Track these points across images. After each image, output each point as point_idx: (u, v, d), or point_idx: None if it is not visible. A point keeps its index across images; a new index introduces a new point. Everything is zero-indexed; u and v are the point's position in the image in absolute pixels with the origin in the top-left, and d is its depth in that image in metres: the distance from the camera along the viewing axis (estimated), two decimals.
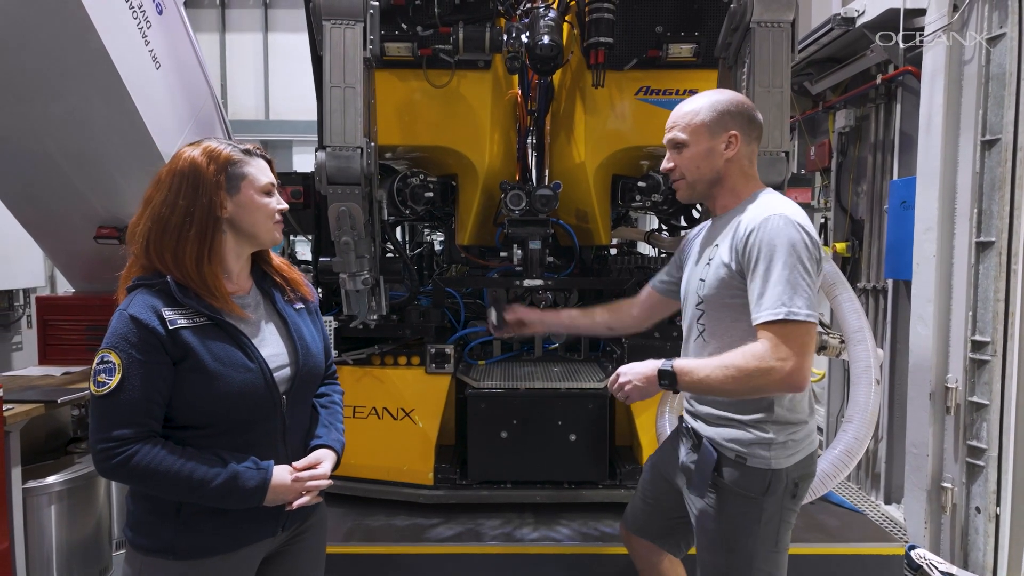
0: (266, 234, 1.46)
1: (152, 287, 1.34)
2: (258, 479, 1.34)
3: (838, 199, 4.90)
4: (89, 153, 3.32)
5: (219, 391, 1.33)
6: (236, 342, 1.38)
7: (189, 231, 1.35)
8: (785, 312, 1.40)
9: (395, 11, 2.73)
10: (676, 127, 1.66)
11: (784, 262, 1.43)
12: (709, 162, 1.63)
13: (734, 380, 1.45)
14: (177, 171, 1.37)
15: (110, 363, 1.27)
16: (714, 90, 1.72)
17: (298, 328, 1.52)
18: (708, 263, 1.64)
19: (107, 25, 2.98)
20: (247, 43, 9.25)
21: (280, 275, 1.57)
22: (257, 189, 1.43)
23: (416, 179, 3.05)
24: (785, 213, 1.49)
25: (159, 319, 1.30)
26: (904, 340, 3.83)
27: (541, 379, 2.86)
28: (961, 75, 3.23)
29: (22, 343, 5.33)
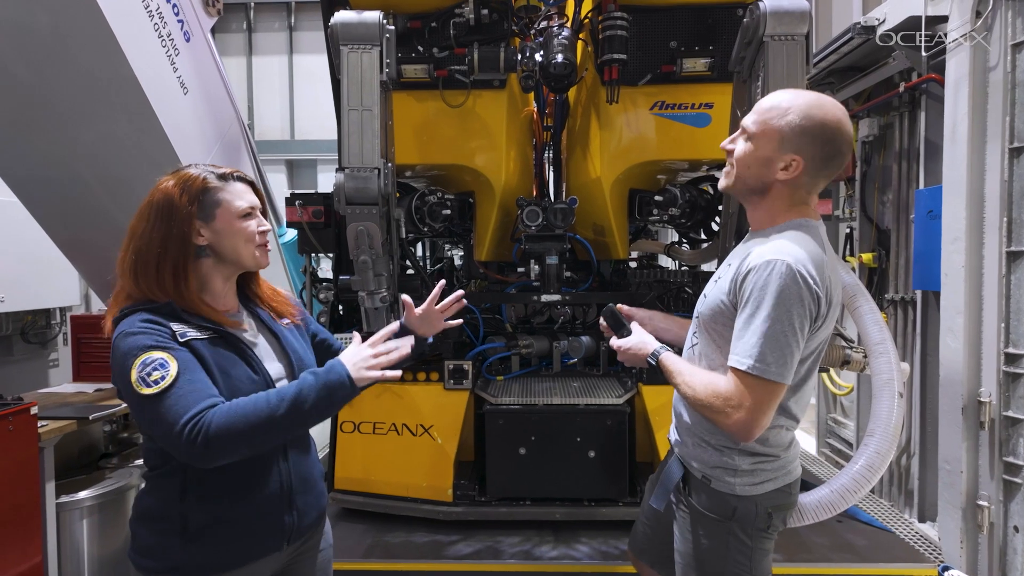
0: (248, 258, 1.46)
1: (153, 308, 1.35)
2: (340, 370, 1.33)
3: (863, 208, 4.81)
4: (119, 176, 3.43)
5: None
6: (242, 355, 1.40)
7: (166, 260, 1.36)
8: (751, 366, 1.36)
9: (412, 33, 2.79)
10: (756, 114, 1.48)
11: (769, 314, 1.35)
12: (759, 171, 1.47)
13: (691, 402, 1.49)
14: (153, 203, 1.39)
15: (158, 358, 1.26)
16: (822, 100, 1.44)
17: (290, 343, 1.54)
18: (716, 281, 1.59)
19: (137, 53, 3.10)
20: (273, 65, 9.51)
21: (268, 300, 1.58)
22: (233, 214, 1.42)
23: (434, 197, 3.09)
24: (792, 261, 1.36)
25: (169, 330, 1.32)
26: (934, 352, 3.73)
27: (560, 395, 2.86)
28: (986, 82, 3.16)
29: (58, 360, 5.50)
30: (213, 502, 1.36)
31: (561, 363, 3.31)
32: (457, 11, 2.73)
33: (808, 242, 1.43)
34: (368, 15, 2.37)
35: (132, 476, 3.15)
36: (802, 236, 1.45)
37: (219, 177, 1.44)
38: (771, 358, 1.35)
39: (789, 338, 1.36)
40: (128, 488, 3.11)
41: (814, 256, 1.40)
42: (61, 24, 2.89)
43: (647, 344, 1.66)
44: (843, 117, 1.44)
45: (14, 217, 4.49)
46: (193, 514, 1.35)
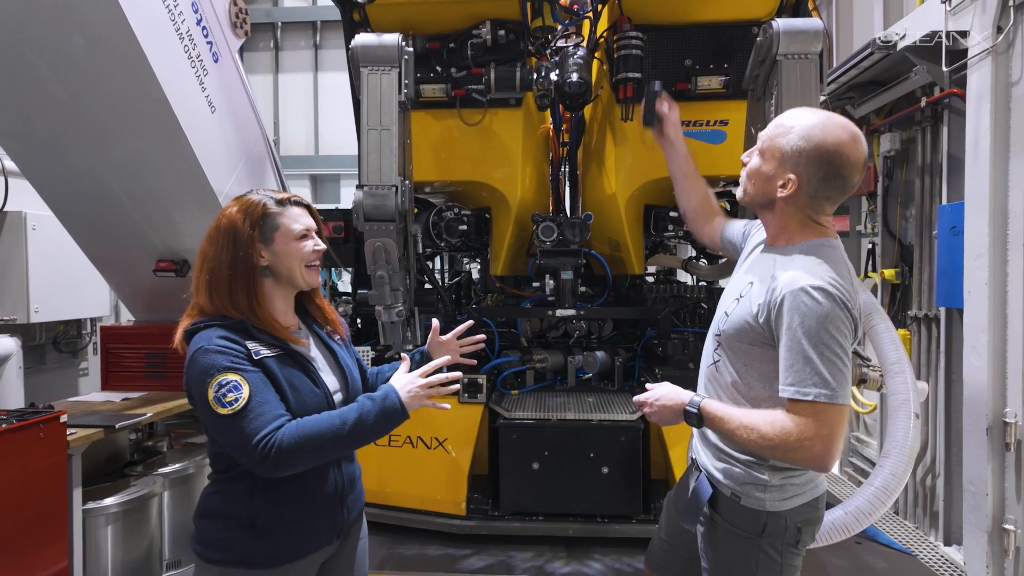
0: (299, 278, 1.57)
1: (227, 325, 1.46)
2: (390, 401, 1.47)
3: (885, 224, 4.75)
4: (149, 192, 3.56)
5: (294, 413, 1.46)
6: (305, 370, 1.53)
7: (236, 280, 1.49)
8: (818, 394, 1.35)
9: (430, 54, 2.86)
10: (765, 133, 1.54)
11: (820, 340, 1.36)
12: (763, 186, 1.53)
13: (757, 445, 1.42)
14: (220, 228, 1.52)
15: (232, 381, 1.37)
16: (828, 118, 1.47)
17: (344, 359, 1.68)
18: (738, 300, 1.59)
19: (168, 75, 3.21)
20: (298, 82, 9.75)
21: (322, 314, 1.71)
22: (290, 237, 1.54)
23: (451, 213, 3.14)
24: (826, 285, 1.38)
25: (244, 349, 1.43)
26: (959, 370, 3.66)
27: (574, 410, 2.87)
28: (1009, 97, 3.13)
29: (88, 369, 5.65)
30: (280, 503, 1.48)
31: (576, 378, 3.32)
32: (475, 32, 2.80)
33: (834, 263, 1.46)
34: (387, 38, 2.44)
35: (156, 484, 3.22)
36: (826, 257, 1.46)
37: (278, 203, 1.56)
38: (834, 382, 1.35)
39: (843, 358, 1.38)
40: (152, 496, 3.18)
41: (844, 277, 1.43)
42: (96, 47, 3.02)
43: (680, 394, 1.57)
44: (846, 140, 1.43)
45: (49, 231, 4.67)
46: (261, 513, 1.47)
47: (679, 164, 2.11)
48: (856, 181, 1.48)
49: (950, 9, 3.42)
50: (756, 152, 1.55)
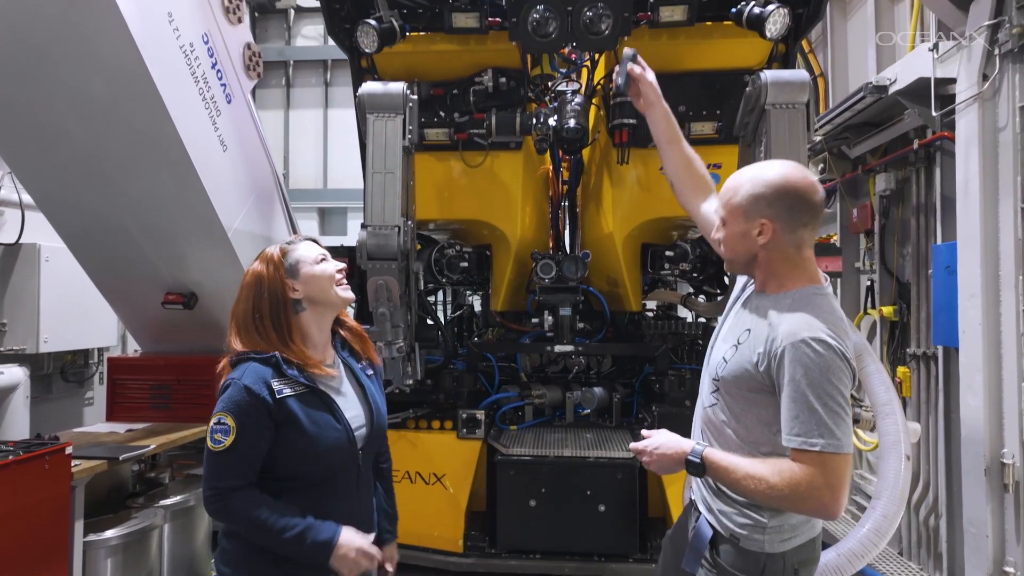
0: (335, 296, 1.70)
1: (262, 360, 1.59)
2: (328, 534, 1.54)
3: (883, 261, 4.80)
4: (161, 227, 3.66)
5: (314, 448, 1.57)
6: (328, 406, 1.62)
7: (263, 321, 1.62)
8: (824, 444, 1.38)
9: (434, 100, 2.98)
10: (720, 202, 1.62)
11: (822, 391, 1.39)
12: (744, 244, 1.58)
13: (765, 496, 1.44)
14: (246, 284, 1.67)
15: (225, 425, 1.52)
16: (767, 165, 1.58)
17: (372, 393, 1.77)
18: (735, 346, 1.61)
19: (182, 115, 3.35)
20: (309, 118, 10.00)
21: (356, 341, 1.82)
22: (311, 262, 1.69)
23: (452, 250, 3.22)
24: (826, 337, 1.42)
25: (268, 389, 1.54)
26: (958, 409, 3.66)
27: (572, 447, 2.89)
28: (996, 142, 3.21)
29: (93, 398, 5.70)
30: None
31: (574, 414, 3.35)
32: (477, 80, 2.92)
33: (828, 312, 1.50)
34: (393, 86, 2.55)
35: (157, 516, 3.24)
36: (820, 306, 1.51)
37: (288, 243, 1.72)
38: (839, 432, 1.39)
39: (845, 408, 1.41)
40: (152, 528, 3.20)
41: (839, 326, 1.48)
42: (115, 89, 3.16)
43: (680, 443, 1.57)
44: (789, 171, 1.53)
45: (61, 263, 4.78)
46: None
47: (660, 127, 2.06)
48: (818, 200, 1.54)
49: (937, 57, 3.53)
50: (719, 226, 1.64)
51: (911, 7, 4.35)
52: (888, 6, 4.80)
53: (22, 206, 4.67)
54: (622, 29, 2.60)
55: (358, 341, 1.82)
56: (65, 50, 2.97)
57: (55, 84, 3.08)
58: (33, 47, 2.92)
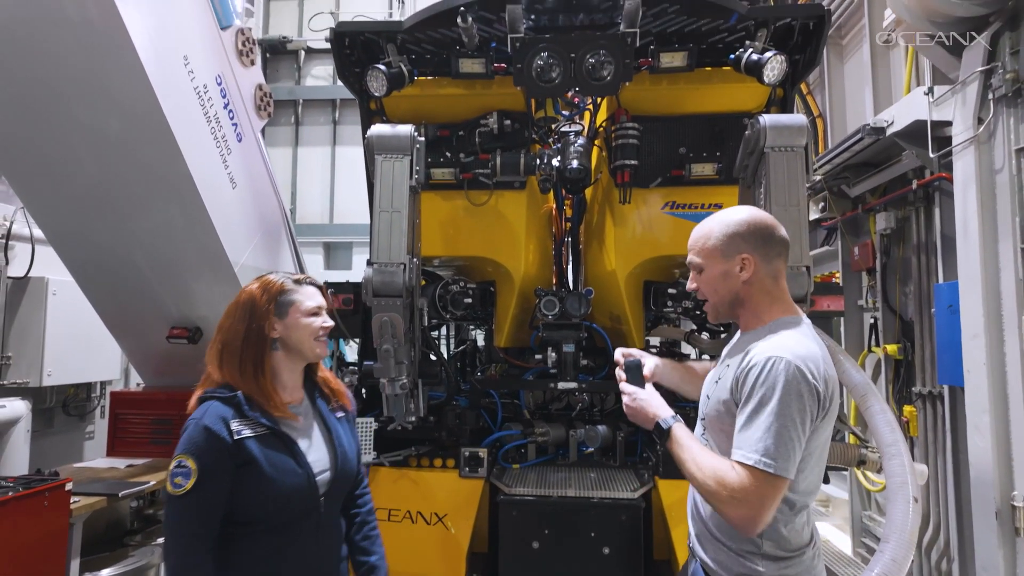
0: (309, 349, 1.70)
1: (224, 399, 1.58)
2: None
3: (885, 299, 4.81)
4: (169, 262, 3.72)
5: (272, 492, 1.54)
6: (289, 450, 1.60)
7: (248, 351, 1.62)
8: (757, 460, 1.40)
9: (441, 141, 3.05)
10: (692, 250, 1.67)
11: (773, 409, 1.41)
12: (726, 285, 1.62)
13: (697, 482, 1.49)
14: (239, 303, 1.68)
15: (186, 467, 1.49)
16: (730, 209, 1.68)
17: (339, 436, 1.74)
18: (716, 382, 1.66)
19: (194, 154, 3.43)
20: (317, 155, 10.20)
21: (327, 386, 1.82)
22: (303, 312, 1.69)
23: (456, 286, 3.25)
24: (791, 356, 1.44)
25: (227, 430, 1.53)
26: (965, 449, 3.62)
27: (575, 486, 2.86)
28: (993, 183, 3.26)
29: (94, 432, 5.67)
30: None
31: (578, 452, 3.32)
32: (482, 122, 2.99)
33: (803, 338, 1.53)
34: (401, 128, 2.62)
35: (154, 555, 3.20)
36: (795, 333, 1.55)
37: (295, 282, 1.73)
38: (776, 453, 1.40)
39: (792, 433, 1.41)
40: (149, 567, 3.16)
41: (812, 352, 1.50)
42: (129, 128, 3.25)
43: (660, 408, 1.63)
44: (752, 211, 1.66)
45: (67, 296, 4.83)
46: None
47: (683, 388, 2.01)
48: (783, 232, 1.63)
49: (933, 100, 3.61)
50: (696, 273, 1.68)
51: (905, 52, 4.46)
52: (883, 51, 4.92)
53: (33, 240, 4.75)
54: (623, 75, 2.67)
55: (330, 389, 1.81)
56: (82, 90, 3.07)
57: (70, 122, 3.17)
58: (51, 87, 3.02)
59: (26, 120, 3.16)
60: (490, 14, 2.72)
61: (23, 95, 3.07)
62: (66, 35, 2.87)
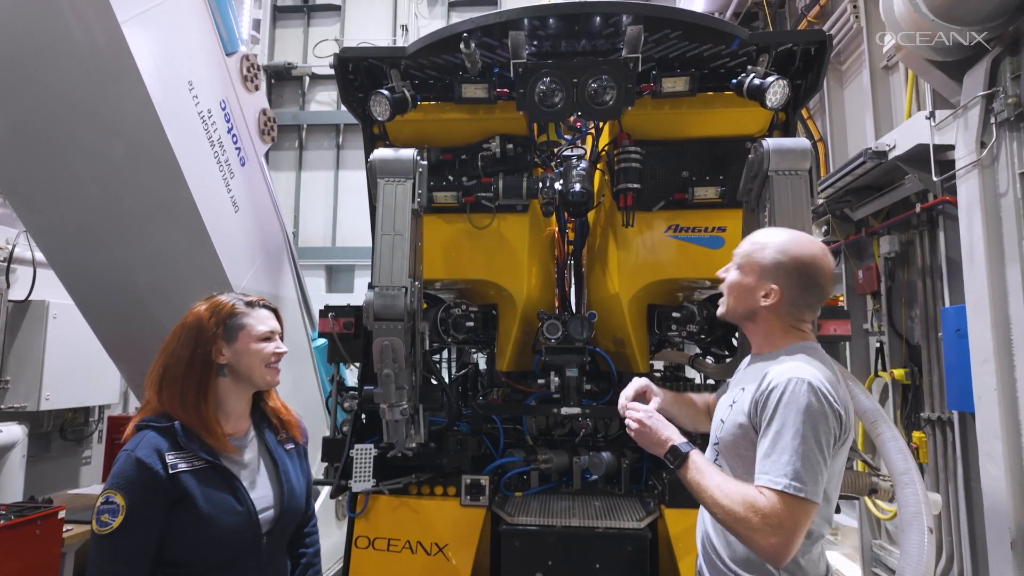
0: (259, 377, 1.60)
1: (160, 429, 1.47)
2: None
3: (891, 323, 4.77)
4: (169, 284, 3.70)
5: (209, 533, 1.43)
6: (229, 486, 1.49)
7: (190, 377, 1.51)
8: (787, 485, 1.36)
9: (443, 165, 3.05)
10: (741, 250, 1.66)
11: (798, 431, 1.39)
12: (745, 299, 1.62)
13: (723, 513, 1.42)
14: (185, 325, 1.57)
15: (114, 504, 1.38)
16: (799, 237, 1.62)
17: (286, 471, 1.64)
18: (731, 406, 1.63)
19: (197, 178, 3.44)
20: (320, 179, 10.28)
21: (277, 417, 1.71)
22: (254, 337, 1.59)
23: (458, 309, 3.22)
24: (811, 379, 1.43)
25: (162, 463, 1.42)
26: (978, 476, 3.55)
27: (579, 515, 2.79)
28: (998, 207, 3.24)
29: (91, 458, 5.61)
30: None
31: (581, 480, 3.25)
32: (485, 146, 2.99)
33: (818, 363, 1.52)
34: (404, 152, 2.62)
35: None
36: (811, 358, 1.54)
37: (247, 304, 1.62)
38: (806, 476, 1.36)
39: (818, 456, 1.39)
40: None
41: (828, 376, 1.49)
42: (133, 152, 3.26)
43: (673, 432, 1.58)
44: (818, 252, 1.59)
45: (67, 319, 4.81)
46: None
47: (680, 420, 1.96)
48: (830, 290, 1.60)
49: (935, 124, 3.62)
50: (734, 268, 1.66)
51: (905, 77, 4.49)
52: (883, 76, 4.96)
53: (34, 263, 4.75)
54: (626, 99, 2.68)
55: (279, 420, 1.71)
56: (86, 115, 3.09)
57: (74, 146, 3.19)
58: (55, 111, 3.05)
59: (30, 144, 3.18)
60: (493, 40, 2.74)
61: (28, 120, 3.09)
62: (72, 61, 2.90)
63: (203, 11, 3.58)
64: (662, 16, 2.58)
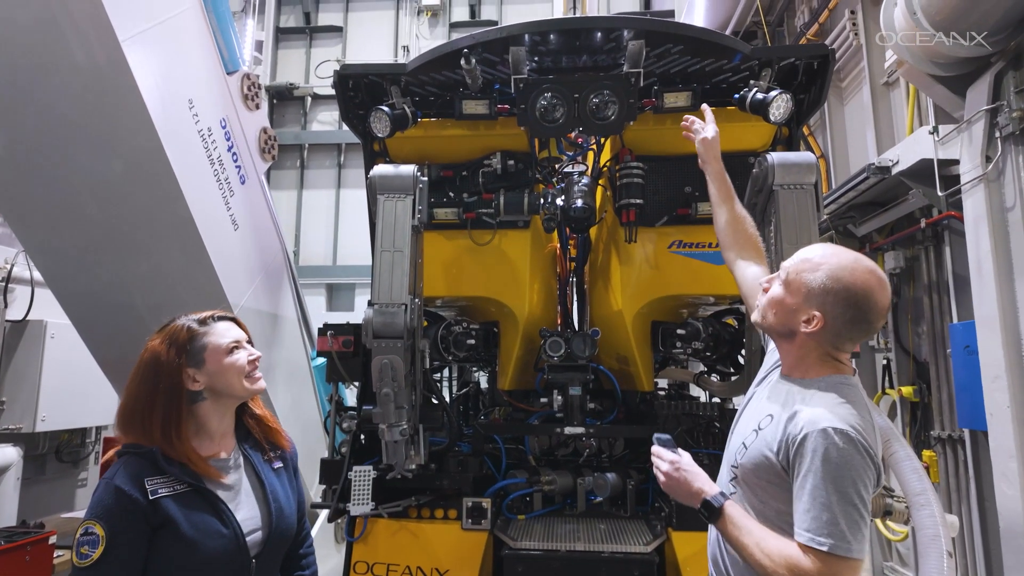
0: (242, 389, 1.56)
1: (140, 454, 1.44)
2: None
3: (898, 340, 4.71)
4: (167, 304, 3.65)
5: (194, 558, 1.38)
6: (213, 508, 1.45)
7: (154, 413, 1.45)
8: (833, 545, 1.30)
9: (444, 181, 3.03)
10: (791, 264, 1.52)
11: (838, 485, 1.33)
12: (784, 317, 1.51)
13: (765, 571, 1.35)
14: (142, 361, 1.51)
15: (94, 535, 1.33)
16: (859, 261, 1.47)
17: (274, 490, 1.58)
18: (756, 431, 1.54)
19: (196, 196, 3.42)
20: (321, 198, 10.30)
21: (262, 428, 1.66)
22: (222, 352, 1.53)
23: (459, 327, 3.18)
24: (849, 430, 1.37)
25: (141, 490, 1.38)
26: (992, 496, 3.46)
27: (584, 539, 2.71)
28: (1005, 221, 3.21)
29: (87, 479, 5.53)
30: None
31: (586, 501, 3.17)
32: (485, 162, 2.97)
33: (855, 404, 1.44)
34: (404, 169, 2.59)
35: None
36: (847, 397, 1.45)
37: (200, 323, 1.56)
38: (851, 535, 1.31)
39: (861, 510, 1.34)
40: None
41: (865, 421, 1.41)
42: (133, 171, 3.24)
43: (706, 483, 1.48)
44: (875, 285, 1.43)
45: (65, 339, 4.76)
46: None
47: (714, 185, 2.16)
48: (879, 327, 1.49)
49: (938, 139, 3.60)
50: (779, 281, 1.55)
51: (906, 92, 4.49)
52: (883, 92, 4.96)
53: (32, 283, 4.72)
54: (628, 114, 2.66)
55: (264, 430, 1.65)
56: (86, 133, 3.07)
57: (73, 165, 3.17)
58: (54, 130, 3.03)
59: (29, 163, 3.16)
60: (493, 56, 2.73)
61: (27, 138, 3.08)
62: (72, 79, 2.89)
63: (204, 30, 3.59)
64: (664, 31, 2.57)
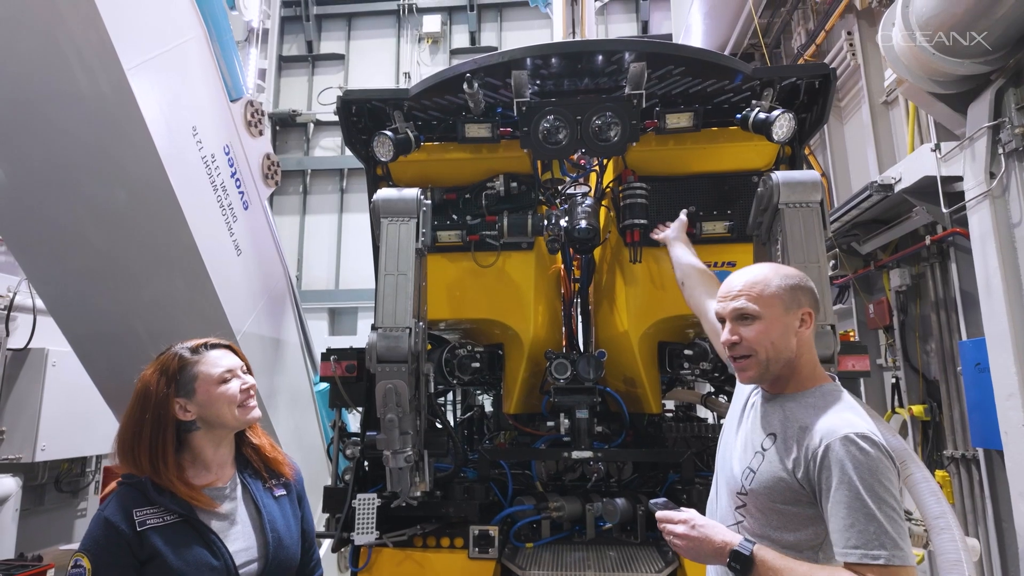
0: (233, 420, 1.53)
1: (132, 484, 1.43)
2: None
3: (906, 358, 4.66)
4: (169, 331, 3.61)
5: None
6: (203, 539, 1.42)
7: (141, 442, 1.45)
8: (889, 557, 1.25)
9: (447, 204, 3.02)
10: (743, 295, 1.49)
11: (875, 493, 1.28)
12: (785, 340, 1.47)
13: None
14: (135, 392, 1.51)
15: (81, 568, 1.33)
16: (769, 264, 1.60)
17: (272, 520, 1.54)
18: (760, 454, 1.49)
19: (199, 223, 3.41)
20: (324, 223, 10.36)
21: (261, 457, 1.62)
22: (213, 382, 1.51)
23: (464, 350, 3.14)
24: (869, 433, 1.34)
25: (128, 521, 1.36)
26: (1009, 517, 3.39)
27: (594, 567, 2.64)
28: (1012, 237, 3.19)
29: (86, 510, 5.44)
30: None
31: (595, 528, 3.10)
32: (489, 184, 2.97)
33: (857, 409, 1.43)
34: (407, 192, 2.59)
35: None
36: (849, 401, 1.45)
37: (192, 351, 1.54)
38: (901, 542, 1.26)
39: (900, 513, 1.30)
40: None
41: (870, 420, 1.41)
42: (136, 198, 3.24)
43: (725, 536, 1.37)
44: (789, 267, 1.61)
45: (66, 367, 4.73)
46: None
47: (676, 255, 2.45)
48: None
49: (940, 156, 3.60)
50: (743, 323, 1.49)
51: (906, 110, 4.51)
52: (883, 110, 4.99)
53: (35, 311, 4.70)
54: (630, 135, 2.66)
55: (263, 459, 1.61)
56: (90, 162, 3.08)
57: (77, 193, 3.18)
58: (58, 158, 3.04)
59: (32, 191, 3.16)
60: (496, 80, 2.74)
61: (30, 167, 3.08)
62: (77, 107, 2.91)
63: (208, 58, 3.63)
64: (665, 53, 2.58)
